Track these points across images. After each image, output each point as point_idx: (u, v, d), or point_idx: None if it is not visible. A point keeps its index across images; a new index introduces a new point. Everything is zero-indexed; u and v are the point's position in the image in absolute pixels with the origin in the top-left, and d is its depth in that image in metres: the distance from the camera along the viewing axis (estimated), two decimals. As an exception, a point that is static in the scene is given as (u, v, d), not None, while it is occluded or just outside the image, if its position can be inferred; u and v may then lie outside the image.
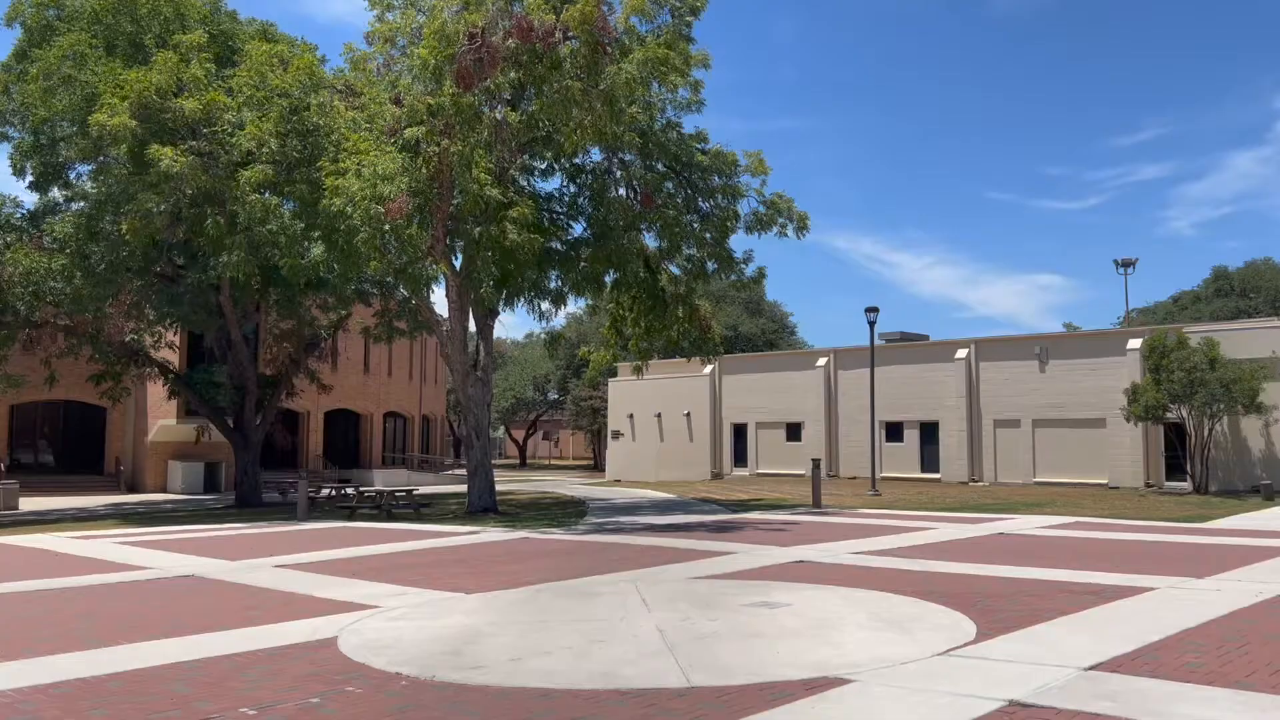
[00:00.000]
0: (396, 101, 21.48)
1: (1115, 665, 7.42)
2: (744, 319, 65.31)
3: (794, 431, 43.05)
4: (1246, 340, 31.16)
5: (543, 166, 25.92)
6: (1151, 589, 11.10)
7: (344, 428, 49.88)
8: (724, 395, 45.57)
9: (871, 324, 33.56)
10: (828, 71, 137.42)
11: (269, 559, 15.23)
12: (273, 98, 23.71)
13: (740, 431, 45.05)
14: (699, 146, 25.17)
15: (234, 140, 23.38)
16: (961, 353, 38.26)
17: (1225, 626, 8.92)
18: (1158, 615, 9.43)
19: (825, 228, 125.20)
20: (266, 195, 23.54)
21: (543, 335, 34.02)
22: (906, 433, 39.67)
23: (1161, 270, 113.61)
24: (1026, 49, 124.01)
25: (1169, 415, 30.73)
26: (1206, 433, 30.56)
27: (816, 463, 27.36)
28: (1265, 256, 66.66)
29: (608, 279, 25.12)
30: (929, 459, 39.00)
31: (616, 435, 49.31)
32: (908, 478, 38.60)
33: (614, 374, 48.89)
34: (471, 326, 25.56)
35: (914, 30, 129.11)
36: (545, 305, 25.59)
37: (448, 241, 22.59)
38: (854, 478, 39.37)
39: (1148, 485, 32.59)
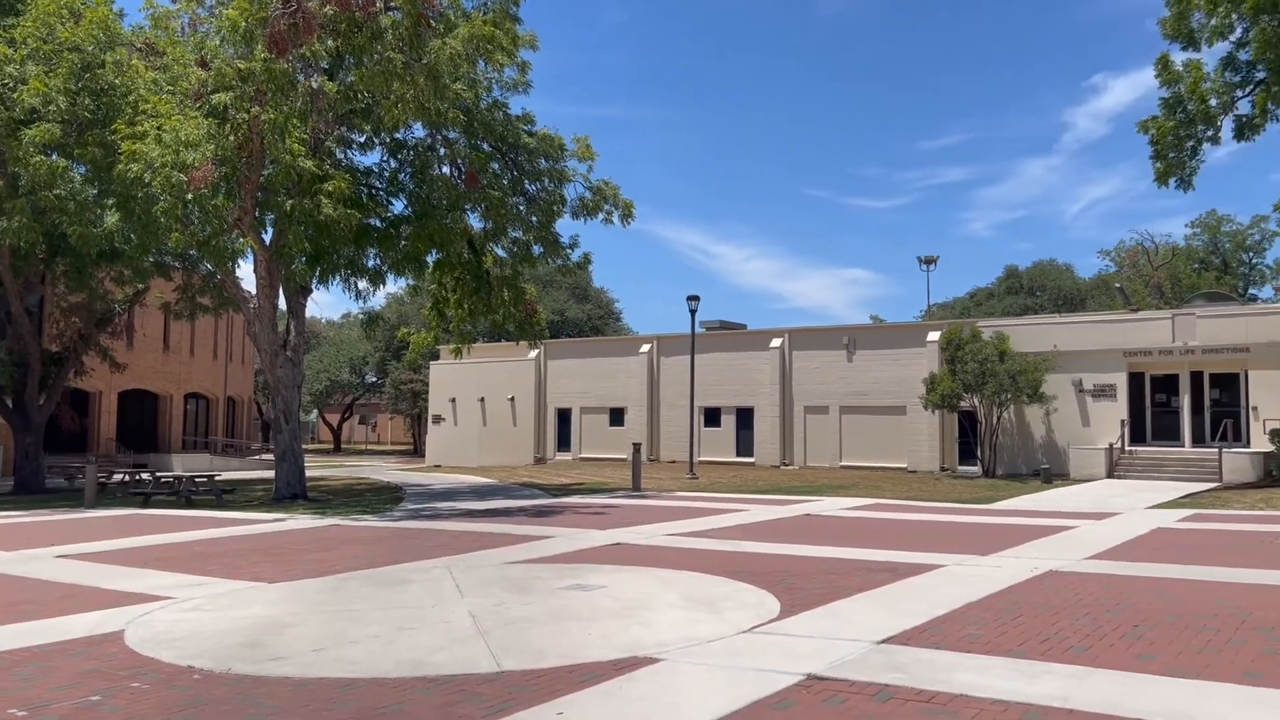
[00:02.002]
0: (203, 64, 20.20)
1: (905, 638, 7.85)
2: (570, 304, 65.40)
3: (617, 416, 43.50)
4: (1032, 335, 33.65)
5: (362, 140, 25.04)
6: (941, 566, 11.82)
7: (140, 409, 46.81)
8: (549, 380, 45.52)
9: (693, 312, 34.27)
10: (657, 62, 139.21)
11: (50, 549, 14.11)
12: (62, 52, 21.87)
13: (564, 416, 45.15)
14: (526, 128, 24.94)
15: (16, 96, 21.44)
16: (776, 342, 39.61)
17: (1003, 599, 9.60)
18: (945, 591, 10.05)
19: (651, 217, 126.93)
20: (54, 157, 21.72)
21: (360, 315, 32.91)
22: (724, 418, 40.77)
23: (960, 268, 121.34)
24: (846, 51, 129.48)
25: (962, 404, 32.84)
26: (995, 420, 32.85)
27: (637, 447, 27.73)
28: (1051, 258, 72.33)
29: (430, 259, 24.56)
30: (744, 443, 40.23)
31: (437, 420, 48.43)
32: (724, 461, 39.71)
33: (435, 357, 47.99)
34: (282, 304, 24.46)
35: (741, 25, 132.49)
36: (362, 284, 24.78)
37: (257, 214, 21.51)
38: (674, 461, 40.17)
39: (942, 469, 34.74)
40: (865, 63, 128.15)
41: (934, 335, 35.49)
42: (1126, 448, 31.07)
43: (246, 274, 28.76)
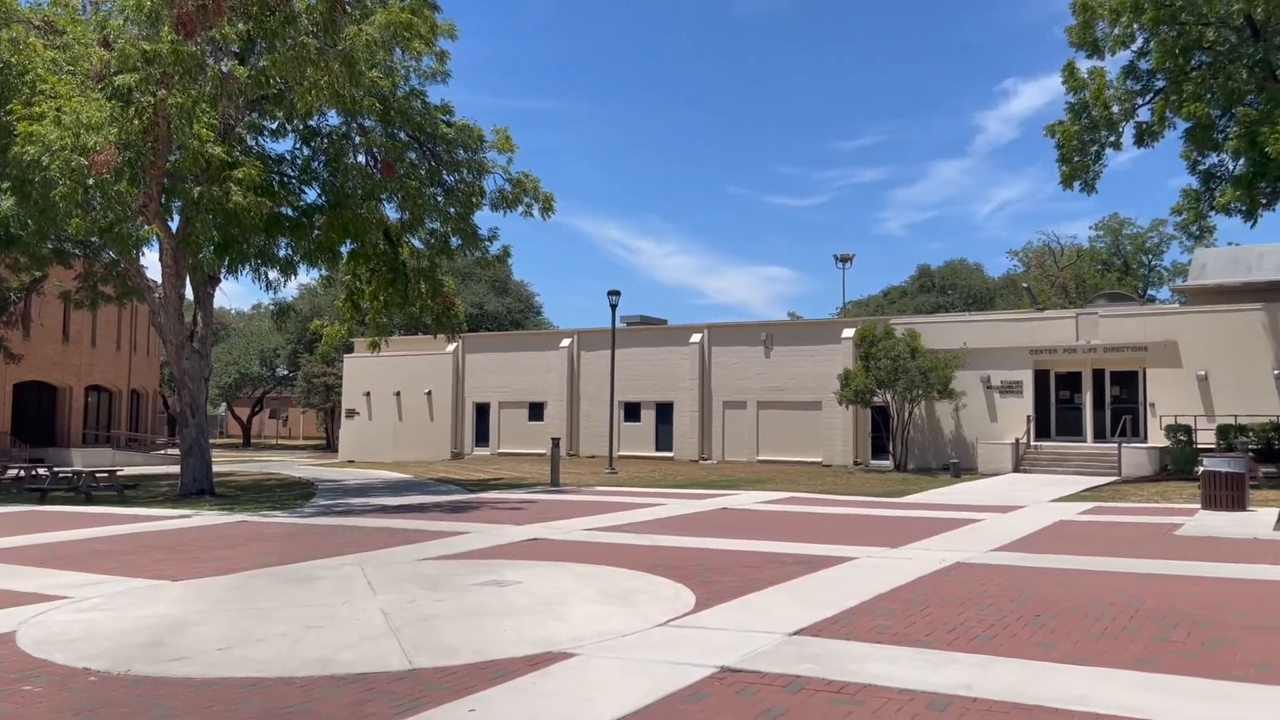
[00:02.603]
0: (105, 44, 19.43)
1: (817, 630, 7.97)
2: (490, 297, 64.84)
3: (536, 411, 43.25)
4: (943, 333, 34.46)
5: (274, 126, 24.41)
6: (853, 558, 12.04)
7: (38, 402, 44.91)
8: (467, 374, 45.05)
9: (614, 307, 34.28)
10: (580, 55, 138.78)
11: (-64, 548, 13.45)
12: (-48, 27, 20.85)
13: (483, 411, 44.72)
14: (444, 118, 24.61)
15: (-100, 72, 20.37)
16: (696, 337, 39.85)
17: (912, 591, 9.81)
18: (856, 582, 10.23)
19: (573, 211, 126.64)
20: (-57, 137, 20.69)
21: (271, 306, 32.18)
22: (644, 413, 40.86)
23: (875, 266, 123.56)
24: (765, 50, 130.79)
25: (876, 399, 33.47)
26: (907, 416, 33.57)
27: (556, 442, 27.62)
28: (962, 258, 74.42)
29: (344, 249, 24.06)
30: (664, 438, 40.39)
31: (351, 414, 47.56)
32: (644, 456, 39.81)
33: (350, 350, 47.09)
34: (189, 294, 23.73)
35: (663, 21, 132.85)
36: (273, 274, 24.15)
37: (163, 201, 20.80)
38: (593, 456, 40.13)
39: (856, 463, 35.39)
40: (784, 63, 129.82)
41: (849, 332, 36.09)
42: (1032, 443, 32.05)
43: (151, 262, 27.83)
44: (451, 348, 44.00)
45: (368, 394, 46.76)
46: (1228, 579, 10.44)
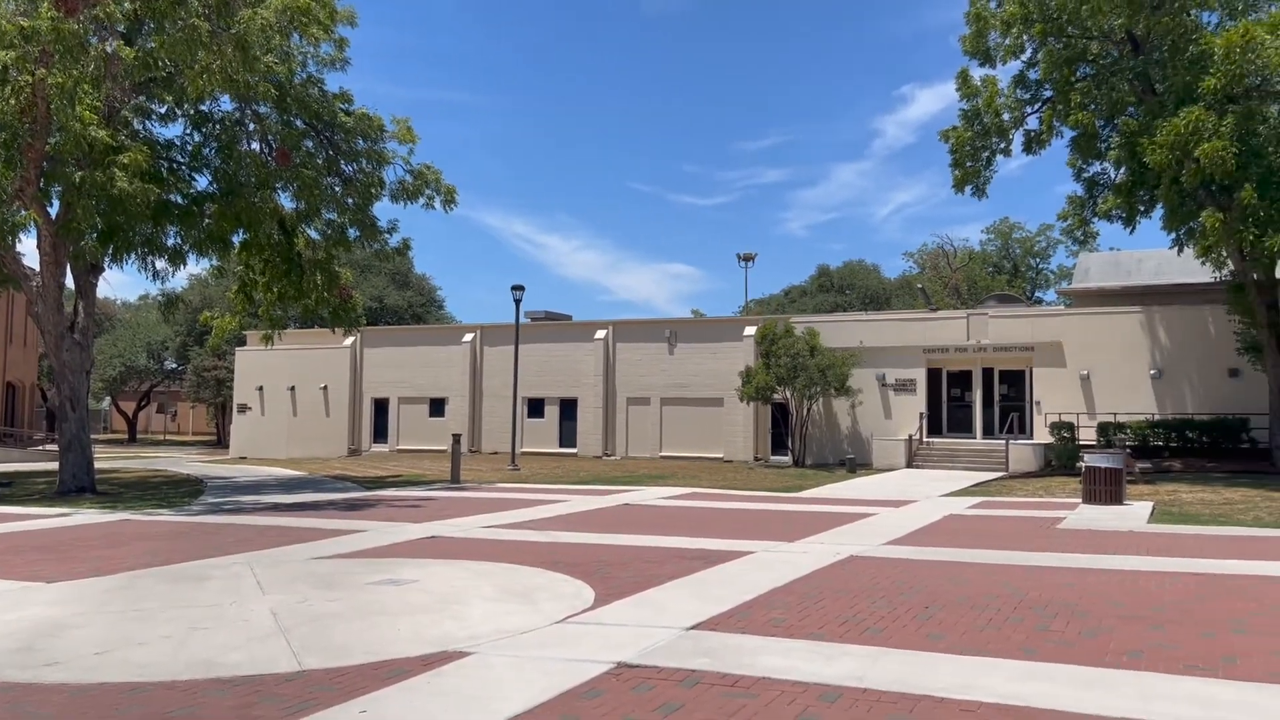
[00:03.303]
0: (-22, 18, 18.42)
1: (714, 624, 8.04)
2: (390, 290, 63.68)
3: (437, 407, 42.64)
4: (841, 331, 35.20)
5: (163, 111, 23.49)
6: (751, 553, 12.20)
7: (-97, 395, 42.40)
8: (365, 369, 44.14)
9: (518, 302, 34.04)
10: (487, 47, 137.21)
11: None
12: None
13: (381, 406, 43.89)
14: (343, 107, 24.06)
15: None
16: (601, 333, 39.86)
17: (807, 584, 9.99)
18: (753, 577, 10.37)
19: (478, 204, 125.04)
20: None
21: (159, 297, 30.94)
22: (548, 409, 40.68)
23: (777, 266, 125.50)
24: (671, 49, 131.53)
25: (776, 396, 34.00)
26: (806, 412, 34.20)
27: (457, 438, 27.28)
28: (860, 258, 76.18)
29: (236, 239, 23.32)
30: (567, 434, 40.29)
31: (244, 409, 46.14)
32: (547, 452, 39.64)
33: (242, 343, 45.70)
34: (70, 283, 22.68)
35: (572, 15, 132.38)
36: (161, 264, 23.26)
37: (41, 185, 19.83)
38: (495, 453, 39.78)
39: (756, 459, 35.90)
40: (691, 62, 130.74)
41: (750, 330, 36.57)
42: (924, 439, 32.99)
43: (29, 249, 26.46)
44: (349, 342, 43.09)
45: (261, 388, 45.44)
46: (1105, 570, 10.91)
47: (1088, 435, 30.19)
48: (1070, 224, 29.18)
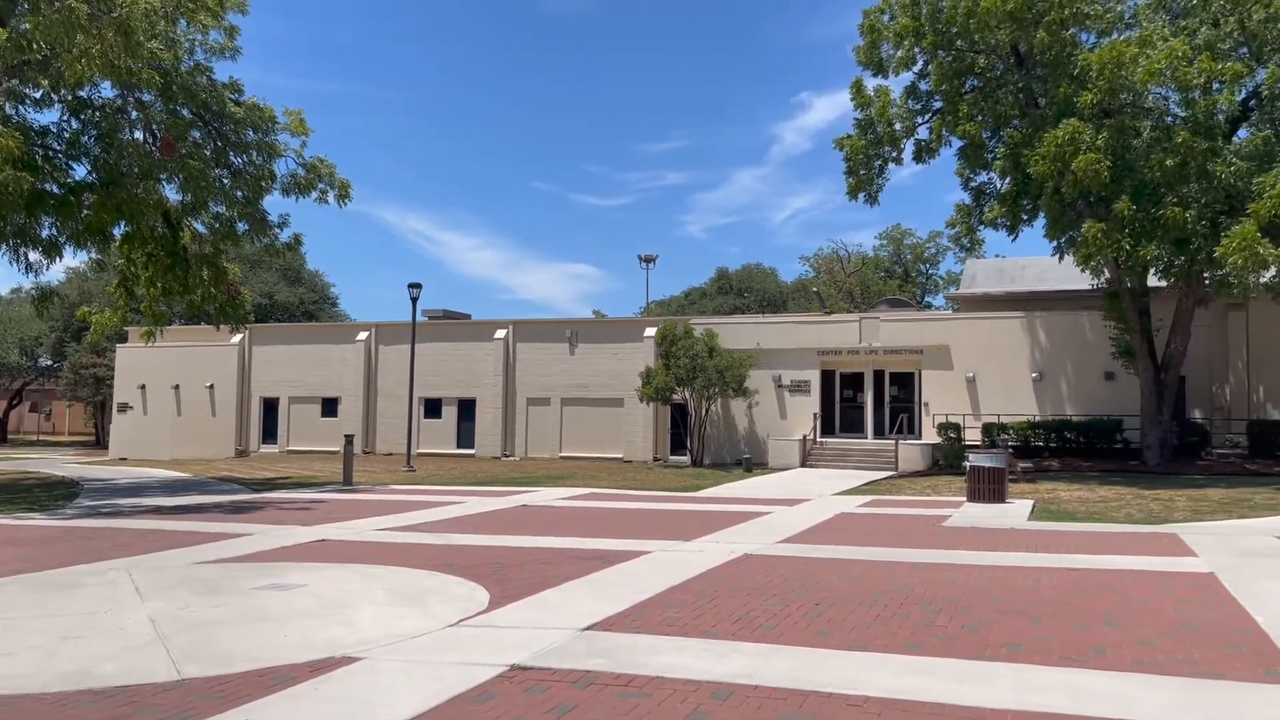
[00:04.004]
0: None
1: (609, 624, 8.04)
2: (281, 287, 61.88)
3: (330, 407, 41.65)
4: (739, 333, 35.69)
5: (38, 96, 22.30)
6: (648, 552, 12.25)
7: None
8: (254, 367, 42.82)
9: (414, 300, 33.46)
10: (385, 40, 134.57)
11: None
12: None
13: (271, 406, 42.64)
14: (233, 97, 23.30)
15: None
16: (500, 333, 39.53)
17: (702, 583, 10.08)
18: (650, 576, 10.41)
19: (374, 200, 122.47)
20: None
21: (32, 291, 29.37)
22: (445, 409, 40.14)
23: (677, 267, 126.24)
24: (574, 48, 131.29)
25: (675, 397, 34.27)
26: (704, 413, 34.56)
27: (349, 439, 26.69)
28: (758, 262, 77.32)
29: (117, 231, 22.35)
30: (465, 435, 39.83)
31: (124, 408, 44.26)
32: (445, 453, 39.12)
33: (123, 339, 43.83)
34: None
35: (474, 9, 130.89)
36: (35, 256, 22.15)
37: (-100, 170, 18.64)
38: (390, 454, 39.06)
39: (655, 459, 36.11)
40: (594, 62, 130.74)
41: (651, 331, 36.76)
42: (818, 439, 33.68)
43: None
44: (237, 339, 41.76)
45: (143, 387, 43.66)
46: (987, 566, 11.30)
47: (973, 436, 31.27)
48: (958, 231, 30.16)
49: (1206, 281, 26.06)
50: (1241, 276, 22.42)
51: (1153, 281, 27.95)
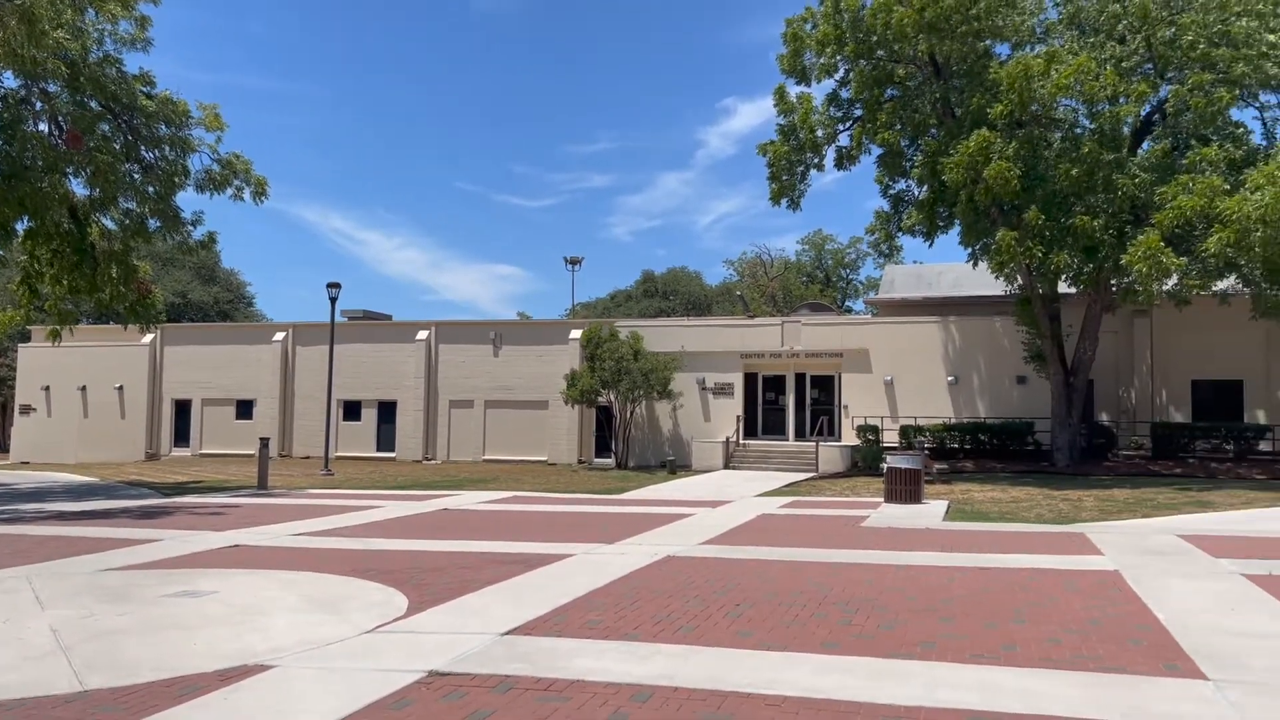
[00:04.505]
0: None
1: (530, 628, 7.99)
2: (194, 286, 60.26)
3: (245, 409, 40.63)
4: (664, 336, 35.82)
5: (-65, 84, 21.41)
6: (571, 555, 12.21)
7: None
8: (165, 368, 41.54)
9: (333, 300, 32.86)
10: (306, 34, 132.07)
11: None
12: None
13: (183, 408, 41.42)
14: (144, 89, 22.61)
15: None
16: (422, 334, 39.03)
17: (624, 585, 10.08)
18: (572, 579, 10.38)
19: (293, 198, 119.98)
20: None
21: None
22: (365, 412, 39.49)
23: (603, 270, 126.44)
24: (501, 48, 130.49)
25: (600, 399, 34.25)
26: (629, 415, 34.60)
27: (265, 442, 26.09)
28: (684, 265, 77.89)
29: (19, 226, 21.51)
30: (386, 438, 39.23)
31: (27, 410, 42.55)
32: (364, 457, 38.48)
33: (26, 339, 42.20)
34: None
35: (399, 9, 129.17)
36: (-70, 251, 21.19)
37: None
38: (308, 457, 38.28)
39: (580, 462, 36.02)
40: (520, 62, 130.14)
41: (576, 333, 36.68)
42: (741, 441, 33.98)
43: None
44: (148, 339, 40.48)
45: (47, 388, 42.04)
46: (903, 566, 11.52)
47: (891, 438, 31.88)
48: (877, 238, 30.75)
49: (1114, 288, 26.97)
50: (1146, 284, 23.26)
51: (1063, 288, 28.86)
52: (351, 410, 39.39)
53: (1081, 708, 5.91)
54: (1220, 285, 25.66)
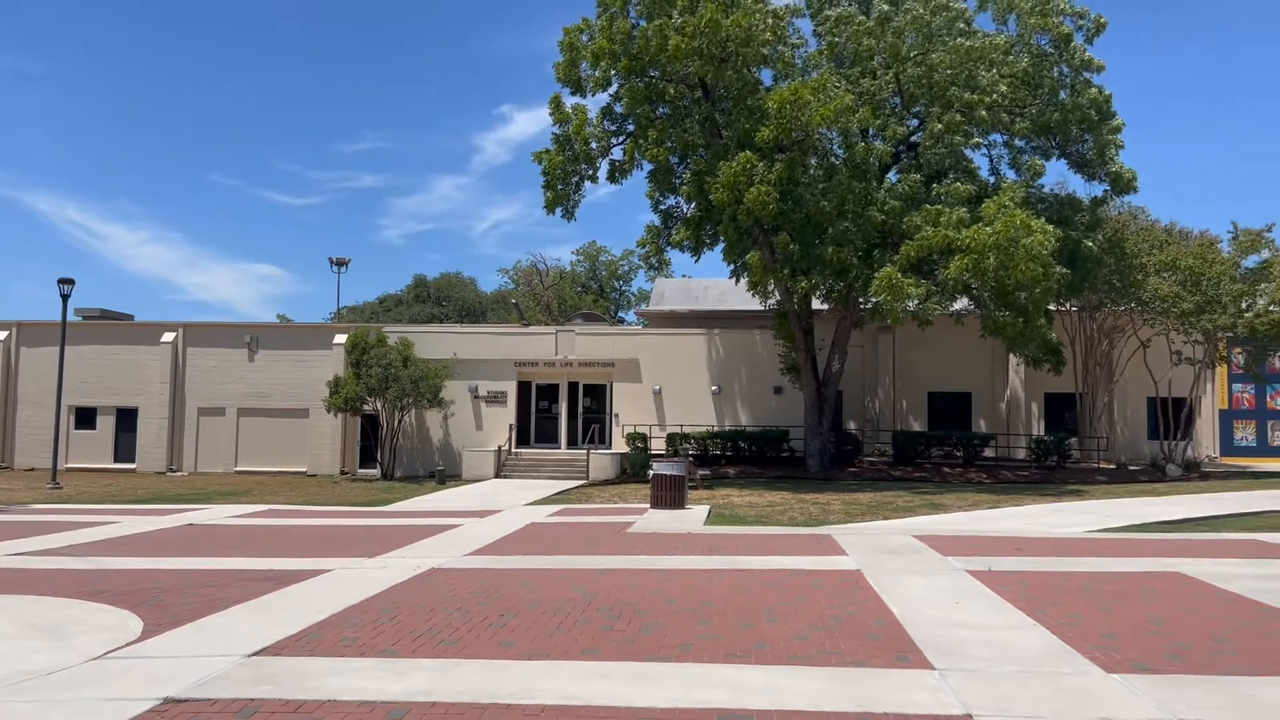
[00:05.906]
0: None
1: (280, 648, 7.59)
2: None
3: (-42, 416, 36.39)
4: (436, 342, 35.11)
5: None
6: (327, 571, 11.70)
7: None
8: None
9: (65, 297, 30.03)
10: (37, 8, 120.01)
11: None
12: None
13: (-120, 414, 36.56)
14: None
15: None
16: (168, 336, 36.37)
17: (384, 600, 9.77)
18: (328, 596, 9.95)
19: (20, 184, 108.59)
20: None
21: None
22: (101, 419, 36.31)
23: (373, 273, 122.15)
24: (269, 38, 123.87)
25: (366, 407, 33.14)
26: (397, 424, 33.67)
27: (-19, 452, 23.45)
28: (458, 271, 76.56)
29: None
30: (125, 448, 36.22)
31: None
32: (100, 468, 35.34)
33: None
34: None
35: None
36: None
37: None
38: (33, 469, 34.75)
39: (343, 473, 34.68)
40: (284, 53, 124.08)
41: (341, 338, 35.33)
42: (514, 449, 33.83)
43: None
44: None
45: None
46: (664, 570, 11.83)
47: (659, 445, 32.73)
48: (648, 251, 31.51)
49: (862, 306, 28.95)
50: (890, 305, 25.21)
51: (817, 304, 30.69)
52: (86, 417, 36.14)
53: (821, 701, 6.26)
54: (956, 306, 28.09)
